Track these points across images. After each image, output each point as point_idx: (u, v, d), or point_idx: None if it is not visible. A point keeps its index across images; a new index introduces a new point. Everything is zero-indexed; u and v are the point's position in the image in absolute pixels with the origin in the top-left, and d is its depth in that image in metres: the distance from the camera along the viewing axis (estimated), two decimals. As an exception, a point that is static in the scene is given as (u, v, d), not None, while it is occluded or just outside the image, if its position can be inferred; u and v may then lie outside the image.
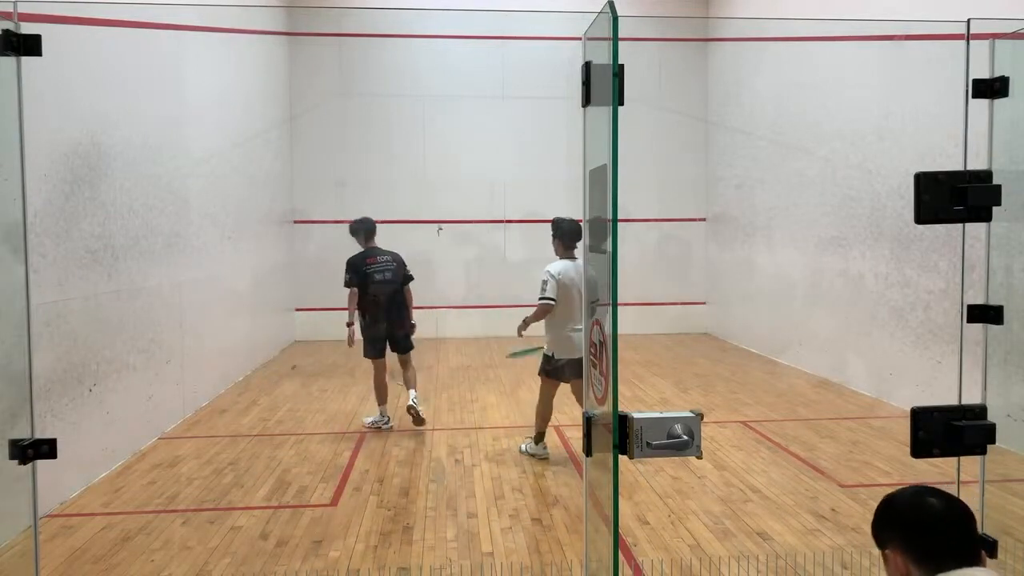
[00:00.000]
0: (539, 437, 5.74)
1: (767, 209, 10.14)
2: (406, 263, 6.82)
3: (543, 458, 5.65)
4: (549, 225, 5.74)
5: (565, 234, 5.55)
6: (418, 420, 6.41)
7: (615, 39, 1.92)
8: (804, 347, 9.15)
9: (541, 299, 5.50)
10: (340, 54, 11.62)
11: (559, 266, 5.53)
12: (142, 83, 6.23)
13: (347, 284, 6.50)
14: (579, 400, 5.56)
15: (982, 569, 1.67)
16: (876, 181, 7.56)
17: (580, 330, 5.29)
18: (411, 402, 6.45)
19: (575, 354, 5.42)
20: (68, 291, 4.93)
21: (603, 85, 2.03)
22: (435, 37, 11.48)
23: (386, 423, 6.63)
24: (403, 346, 6.78)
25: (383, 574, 3.80)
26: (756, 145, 10.40)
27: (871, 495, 4.80)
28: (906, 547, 1.73)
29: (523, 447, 5.84)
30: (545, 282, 5.50)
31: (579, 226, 5.31)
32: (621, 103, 1.96)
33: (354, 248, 6.72)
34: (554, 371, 5.61)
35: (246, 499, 4.89)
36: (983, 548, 1.77)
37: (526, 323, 5.70)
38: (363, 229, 6.67)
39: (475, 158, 11.70)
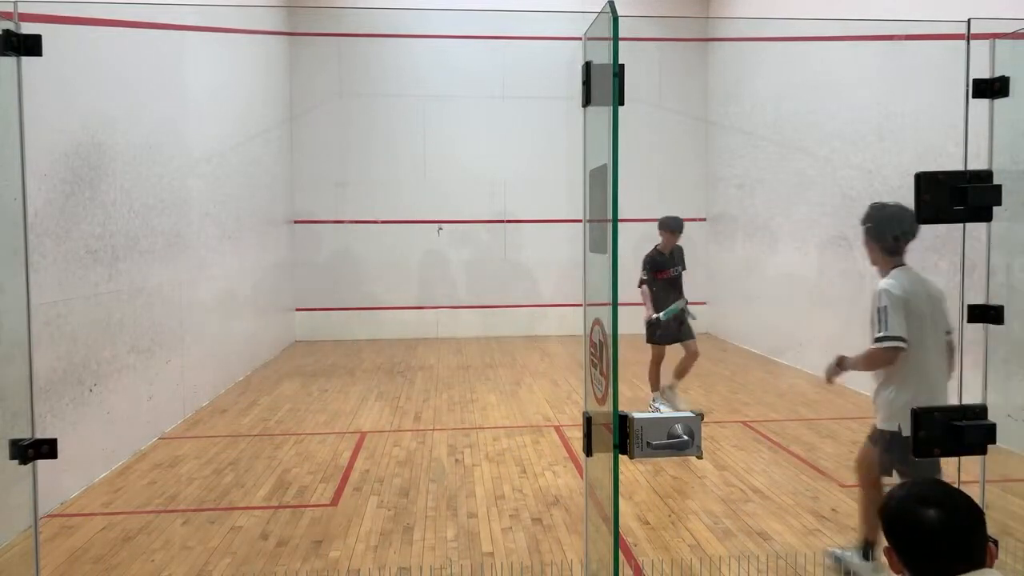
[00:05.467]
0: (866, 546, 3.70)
1: (767, 209, 10.14)
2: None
3: None
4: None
5: (885, 224, 3.44)
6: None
7: (615, 39, 1.92)
8: (804, 347, 9.14)
9: (882, 340, 3.33)
10: (340, 54, 11.62)
11: (899, 282, 3.39)
12: (142, 83, 6.23)
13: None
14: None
15: (979, 572, 1.62)
16: (876, 181, 7.56)
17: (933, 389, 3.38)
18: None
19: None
20: (68, 291, 4.94)
21: (603, 85, 2.03)
22: (435, 37, 11.48)
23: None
24: None
25: (383, 574, 3.80)
26: (756, 145, 10.40)
27: (871, 495, 4.80)
28: (899, 554, 1.68)
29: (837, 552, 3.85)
30: (883, 309, 3.33)
31: (907, 212, 3.41)
32: (621, 103, 1.96)
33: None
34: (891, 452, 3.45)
35: (246, 499, 4.89)
36: (990, 543, 1.68)
37: (843, 367, 3.57)
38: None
39: (475, 158, 11.70)
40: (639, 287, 6.88)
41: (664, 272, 6.94)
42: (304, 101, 11.55)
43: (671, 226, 6.92)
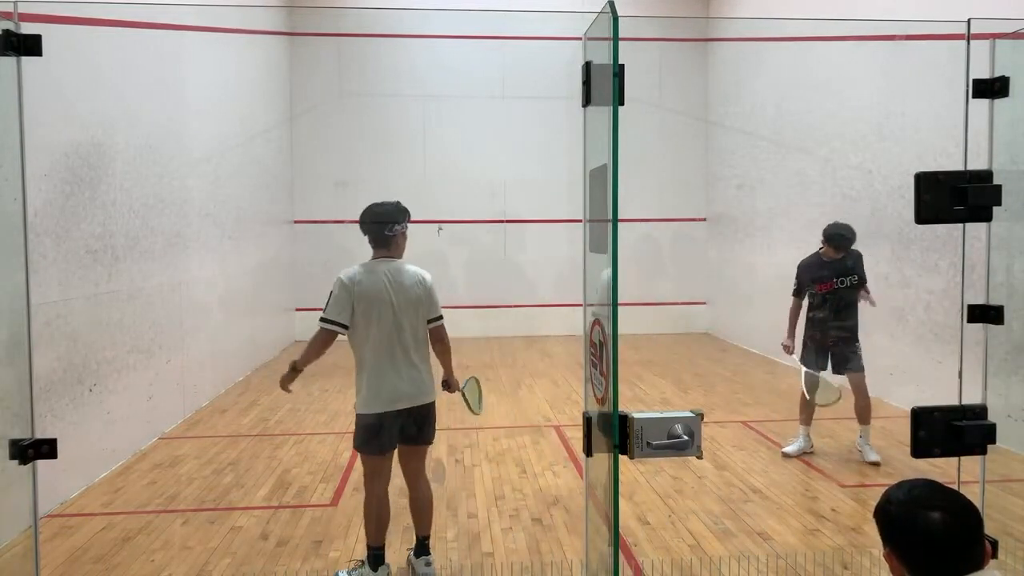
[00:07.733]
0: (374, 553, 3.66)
1: (767, 209, 10.14)
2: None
3: None
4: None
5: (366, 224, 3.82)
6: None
7: (615, 39, 1.92)
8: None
9: (320, 321, 3.75)
10: (340, 54, 11.62)
11: (355, 271, 3.72)
12: (142, 83, 6.23)
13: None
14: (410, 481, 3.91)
15: (980, 572, 1.61)
16: (876, 181, 7.56)
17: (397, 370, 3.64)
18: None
19: (388, 406, 3.60)
20: (68, 291, 4.93)
21: (603, 85, 2.03)
22: (435, 37, 11.48)
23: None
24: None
25: (383, 574, 3.80)
26: (756, 145, 10.40)
27: (871, 495, 4.79)
28: (900, 556, 1.67)
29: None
30: (330, 293, 3.70)
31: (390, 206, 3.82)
32: (621, 103, 1.95)
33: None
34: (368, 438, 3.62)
35: (246, 499, 4.89)
36: (988, 544, 1.67)
37: (294, 369, 3.86)
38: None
39: (475, 158, 11.70)
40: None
41: (825, 284, 5.64)
42: (304, 101, 11.54)
43: (831, 239, 5.62)
